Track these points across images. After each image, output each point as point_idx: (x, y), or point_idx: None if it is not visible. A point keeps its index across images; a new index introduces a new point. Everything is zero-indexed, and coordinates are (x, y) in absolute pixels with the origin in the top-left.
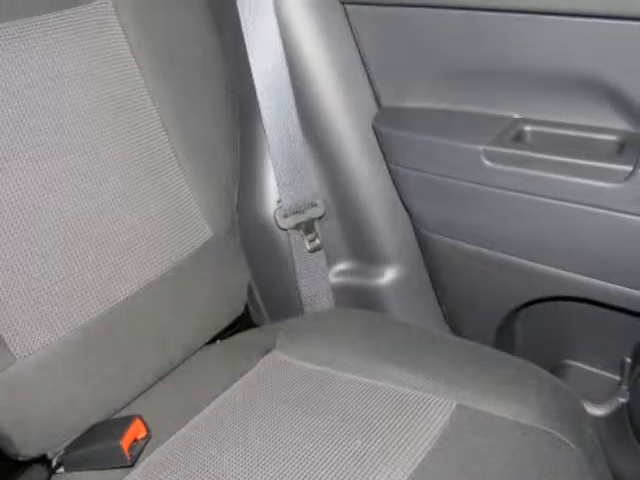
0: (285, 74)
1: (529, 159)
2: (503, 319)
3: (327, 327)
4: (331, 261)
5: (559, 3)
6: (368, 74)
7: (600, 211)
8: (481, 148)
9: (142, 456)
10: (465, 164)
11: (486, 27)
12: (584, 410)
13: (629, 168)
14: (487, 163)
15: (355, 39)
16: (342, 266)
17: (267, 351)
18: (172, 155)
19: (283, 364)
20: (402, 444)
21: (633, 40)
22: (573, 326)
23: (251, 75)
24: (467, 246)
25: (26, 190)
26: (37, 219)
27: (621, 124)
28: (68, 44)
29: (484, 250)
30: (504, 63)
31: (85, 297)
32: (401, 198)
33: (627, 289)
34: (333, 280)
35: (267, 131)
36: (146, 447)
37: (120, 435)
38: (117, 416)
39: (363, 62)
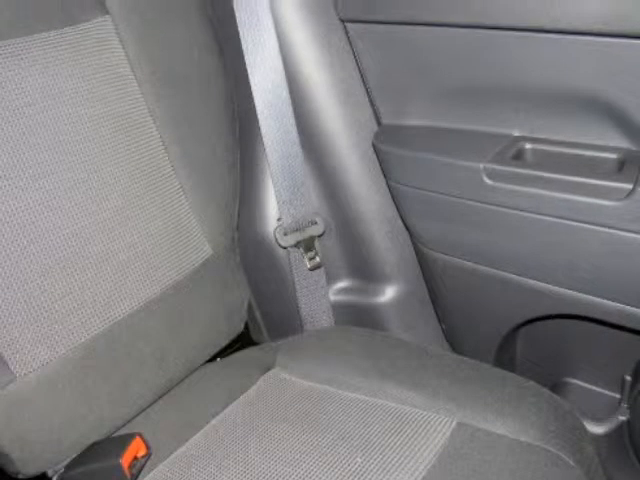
0: (285, 92)
1: (529, 177)
2: (503, 337)
3: (327, 345)
4: (331, 279)
5: (559, 21)
6: (368, 92)
7: (600, 229)
8: (481, 166)
9: (142, 474)
10: (465, 182)
11: (486, 45)
12: (584, 428)
13: (629, 186)
14: (487, 181)
15: (355, 57)
16: (342, 284)
17: (267, 369)
18: (172, 173)
19: (283, 382)
20: (402, 462)
21: (633, 58)
22: (573, 344)
23: (251, 93)
24: (467, 264)
25: (26, 208)
26: (37, 237)
27: (621, 142)
28: (68, 62)
29: (484, 268)
30: (504, 81)
31: (85, 315)
32: (401, 216)
33: (627, 307)
34: (333, 298)
35: (267, 149)
36: (146, 465)
37: (120, 453)
38: (117, 434)
39: (363, 80)
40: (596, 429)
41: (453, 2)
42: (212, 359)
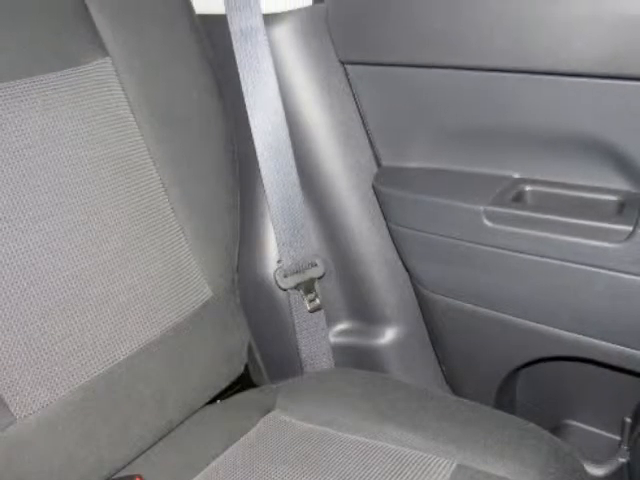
0: (285, 134)
1: (529, 219)
2: (504, 379)
3: (327, 387)
4: (331, 321)
5: (559, 63)
6: (368, 134)
7: (600, 271)
8: (481, 208)
9: None
10: (465, 224)
11: (486, 87)
12: (584, 470)
13: (629, 228)
14: (487, 223)
15: (355, 99)
16: (342, 326)
17: (267, 411)
18: (172, 215)
19: (283, 424)
20: None
21: (632, 100)
22: (573, 386)
23: (251, 135)
24: (467, 306)
25: (26, 250)
26: (37, 279)
27: (621, 184)
28: (68, 104)
29: (484, 310)
30: (504, 123)
31: (85, 357)
32: (401, 258)
33: (627, 349)
34: (333, 340)
35: (267, 191)
36: None
37: None
38: (117, 476)
39: (363, 122)
40: (596, 471)
41: (453, 44)
42: (212, 401)
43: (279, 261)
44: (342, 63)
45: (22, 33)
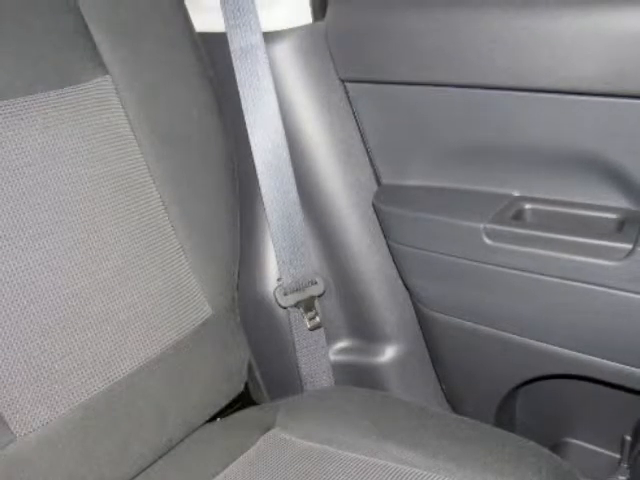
0: (285, 152)
1: (529, 237)
2: (503, 397)
3: (327, 405)
4: (331, 339)
5: (559, 82)
6: (368, 152)
7: (600, 289)
8: (481, 226)
9: None
10: (465, 242)
11: (486, 105)
12: None
13: (629, 246)
14: (487, 241)
15: (355, 117)
16: (342, 344)
17: (267, 429)
18: (172, 233)
19: (283, 442)
20: None
21: (632, 118)
22: (573, 404)
23: (251, 153)
24: (467, 324)
25: (26, 268)
26: (37, 297)
27: (621, 202)
28: (68, 122)
29: (484, 328)
30: (504, 141)
31: (85, 375)
32: (401, 276)
33: (627, 367)
34: (333, 358)
35: (267, 209)
36: None
37: None
38: None
39: (363, 140)
40: None
41: (453, 62)
42: (212, 419)
43: (279, 279)
44: (342, 81)
45: (22, 51)
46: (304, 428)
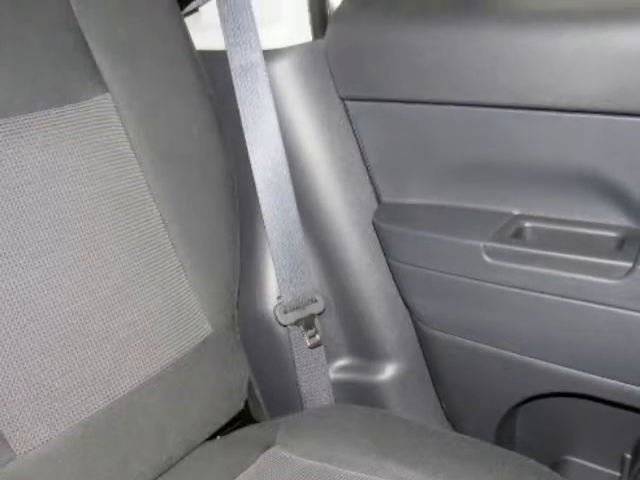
0: (285, 170)
1: (529, 255)
2: (504, 415)
3: (327, 423)
4: (331, 357)
5: (559, 99)
6: (368, 170)
7: (600, 307)
8: (481, 244)
9: None
10: (465, 260)
11: (486, 123)
12: None
13: (629, 264)
14: (487, 259)
15: (355, 135)
16: (342, 362)
17: (267, 447)
18: (172, 251)
19: (283, 460)
20: None
21: (633, 136)
22: (573, 422)
23: (251, 171)
24: (467, 342)
25: (26, 286)
26: (37, 315)
27: (621, 220)
28: (68, 140)
29: (484, 346)
30: (504, 159)
31: (85, 393)
32: (401, 294)
33: (627, 385)
34: (333, 376)
35: (267, 227)
36: None
37: None
38: None
39: (363, 158)
40: None
41: (452, 80)
42: (212, 437)
43: (279, 297)
44: (342, 99)
45: (22, 68)
46: (304, 446)
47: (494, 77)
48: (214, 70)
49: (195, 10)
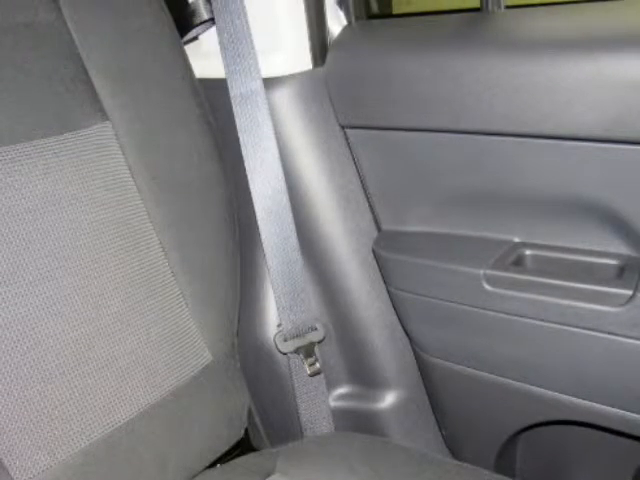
0: (285, 198)
1: (529, 283)
2: (503, 443)
3: (327, 451)
4: (331, 385)
5: (558, 128)
6: (368, 198)
7: (600, 335)
8: (481, 272)
9: None
10: (465, 288)
11: (486, 151)
12: None
13: (629, 292)
14: (487, 287)
15: (355, 163)
16: (342, 390)
17: (267, 475)
18: (172, 279)
19: None
20: None
21: (632, 164)
22: (573, 450)
23: (251, 199)
24: (467, 370)
25: (26, 314)
26: (37, 343)
27: (621, 248)
28: (68, 167)
29: (484, 374)
30: (504, 187)
31: (85, 421)
32: (401, 322)
33: (628, 413)
34: (333, 404)
35: (267, 255)
36: None
37: None
38: None
39: (363, 186)
40: None
41: (452, 109)
42: (212, 465)
43: (279, 325)
44: (342, 127)
45: (22, 97)
46: (304, 474)
47: (493, 105)
48: (214, 98)
49: (195, 38)
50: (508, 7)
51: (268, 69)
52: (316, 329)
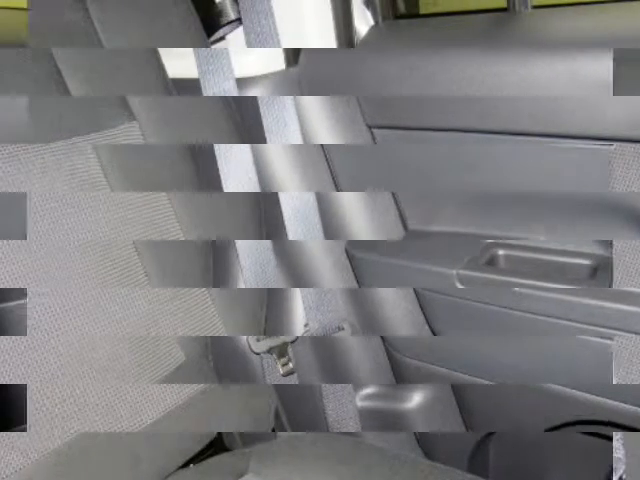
0: (312, 198)
1: (502, 283)
2: (476, 442)
3: (300, 451)
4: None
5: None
6: None
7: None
8: (454, 272)
9: None
10: (438, 288)
11: (457, 150)
12: None
13: None
14: (460, 287)
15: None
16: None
17: (240, 475)
18: (145, 279)
19: None
20: None
21: (601, 164)
22: (547, 450)
23: (278, 200)
24: (441, 370)
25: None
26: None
27: (594, 248)
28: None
29: (458, 374)
30: (476, 187)
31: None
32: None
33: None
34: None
35: (240, 256)
36: None
37: None
38: None
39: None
40: None
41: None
42: (185, 465)
43: (306, 325)
44: (369, 127)
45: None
46: (277, 474)
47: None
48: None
49: (222, 38)
50: (535, 7)
51: (241, 69)
52: (343, 329)
